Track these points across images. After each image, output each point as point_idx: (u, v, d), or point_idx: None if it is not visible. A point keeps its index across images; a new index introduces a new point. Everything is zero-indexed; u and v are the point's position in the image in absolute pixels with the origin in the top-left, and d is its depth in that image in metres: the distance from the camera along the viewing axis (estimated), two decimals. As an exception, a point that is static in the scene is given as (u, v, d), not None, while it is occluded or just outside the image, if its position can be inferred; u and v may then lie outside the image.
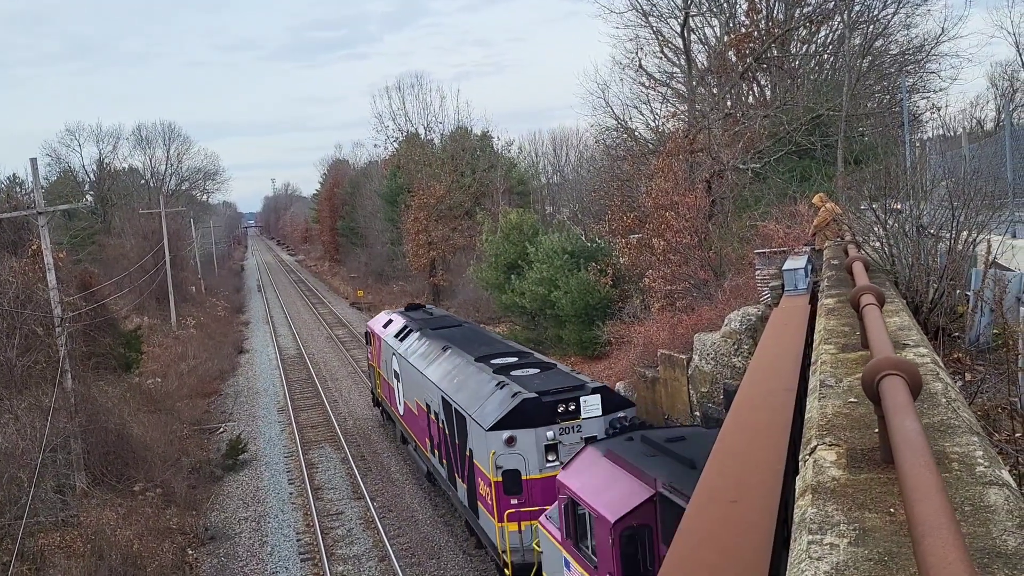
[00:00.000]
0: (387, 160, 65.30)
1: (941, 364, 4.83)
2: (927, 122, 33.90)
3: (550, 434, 14.94)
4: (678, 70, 36.49)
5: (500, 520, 15.28)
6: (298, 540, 21.20)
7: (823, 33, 35.58)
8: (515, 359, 19.53)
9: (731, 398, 8.25)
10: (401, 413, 25.12)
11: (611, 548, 10.59)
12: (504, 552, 15.09)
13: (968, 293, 9.08)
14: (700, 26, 36.40)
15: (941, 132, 35.95)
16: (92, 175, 76.21)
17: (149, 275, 49.74)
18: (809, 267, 13.16)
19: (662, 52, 35.73)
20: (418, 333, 24.24)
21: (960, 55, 32.58)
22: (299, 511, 23.14)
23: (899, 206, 9.70)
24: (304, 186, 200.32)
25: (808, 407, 4.31)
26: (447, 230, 51.88)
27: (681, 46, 34.40)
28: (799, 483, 3.19)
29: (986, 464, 3.00)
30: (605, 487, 11.13)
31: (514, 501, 15.32)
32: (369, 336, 31.31)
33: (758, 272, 19.24)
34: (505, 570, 15.15)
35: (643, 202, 29.61)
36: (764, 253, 19.32)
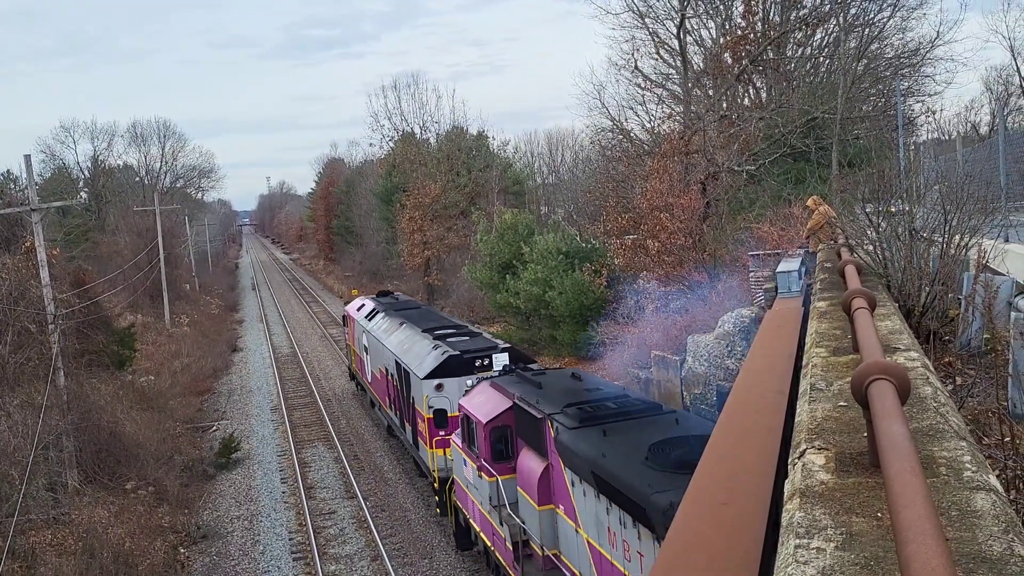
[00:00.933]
0: (382, 159, 65.24)
1: (931, 368, 4.85)
2: (922, 126, 34.05)
3: (469, 382, 17.99)
4: (674, 71, 36.58)
5: (431, 447, 20.03)
6: (290, 539, 21.18)
7: (819, 36, 35.71)
8: (452, 330, 23.96)
9: (724, 400, 8.28)
10: (369, 380, 29.79)
11: (484, 441, 15.05)
12: (433, 471, 20.11)
13: (960, 297, 9.11)
14: (696, 28, 36.54)
15: (936, 136, 36.09)
16: (87, 172, 76.04)
17: (143, 273, 49.65)
18: (803, 269, 13.20)
19: (658, 54, 35.84)
20: (383, 314, 28.77)
21: (955, 59, 32.75)
22: (292, 510, 23.12)
23: (895, 209, 9.73)
24: (299, 184, 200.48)
25: (798, 410, 4.32)
26: (442, 229, 51.84)
27: (677, 48, 34.49)
28: (787, 487, 3.20)
29: (973, 469, 3.01)
30: (484, 403, 15.72)
31: (441, 433, 19.72)
32: (346, 319, 36.67)
33: (752, 274, 19.29)
34: (434, 484, 20.32)
35: (638, 203, 29.65)
36: (758, 255, 19.37)
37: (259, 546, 20.89)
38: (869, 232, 9.23)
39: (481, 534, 16.52)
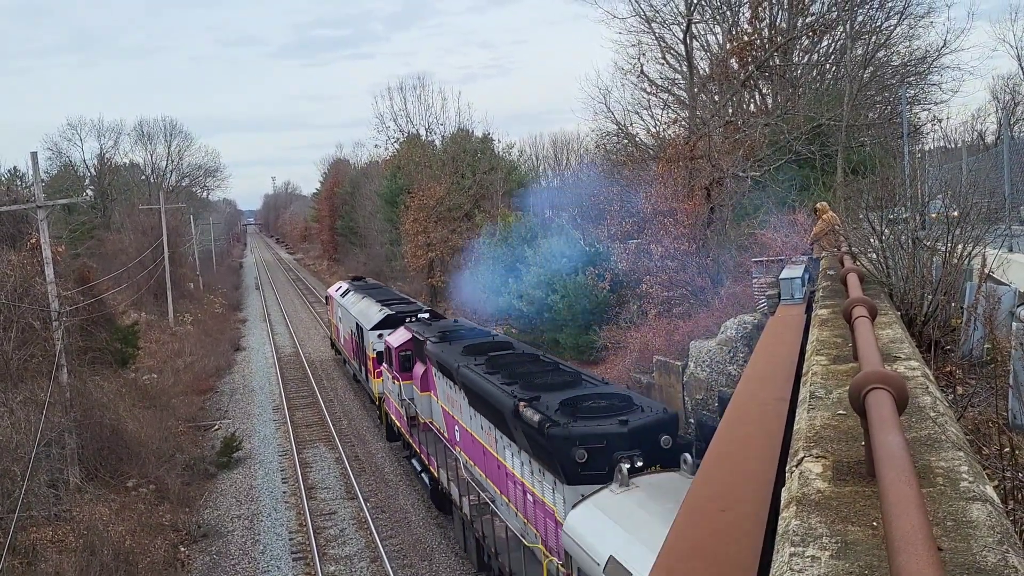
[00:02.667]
0: (387, 161, 65.29)
1: (931, 378, 4.86)
2: (928, 133, 33.99)
3: (409, 336, 24.69)
4: (680, 76, 36.57)
5: (375, 377, 29.21)
6: (291, 539, 21.20)
7: (825, 43, 35.67)
8: (396, 301, 33.42)
9: (726, 406, 8.29)
10: (342, 343, 39.21)
11: (395, 360, 24.23)
12: (375, 393, 29.64)
13: (964, 306, 9.10)
14: (703, 33, 36.52)
15: (942, 144, 36.07)
16: (93, 170, 76.13)
17: (147, 271, 49.74)
18: (806, 276, 13.19)
19: (664, 58, 35.83)
20: (353, 292, 37.95)
21: (962, 68, 32.67)
22: (292, 510, 23.14)
23: (904, 215, 9.71)
24: (304, 184, 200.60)
25: (797, 418, 4.33)
26: (446, 231, 51.85)
27: (683, 52, 34.49)
28: (784, 495, 3.21)
29: (970, 479, 3.02)
30: (397, 338, 24.71)
31: (380, 367, 27.69)
32: (327, 299, 46.23)
33: (755, 280, 19.28)
34: (375, 402, 30.12)
35: (642, 208, 29.66)
36: (761, 261, 19.36)
37: (259, 545, 20.91)
38: (872, 240, 9.23)
39: (393, 417, 26.53)
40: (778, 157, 30.44)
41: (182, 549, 20.52)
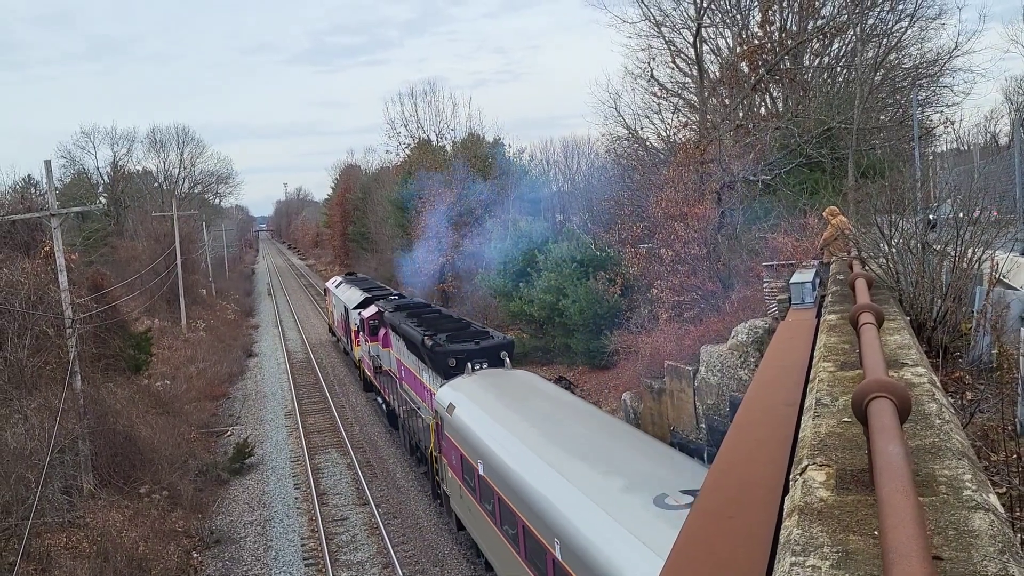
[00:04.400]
0: (398, 166, 65.49)
1: (938, 384, 4.84)
2: (940, 136, 33.81)
3: (376, 309, 32.89)
4: (690, 80, 36.56)
5: (356, 345, 37.39)
6: (302, 545, 21.25)
7: (836, 46, 35.56)
8: (376, 289, 41.77)
9: (737, 410, 8.28)
10: (335, 324, 48.62)
11: (365, 327, 33.27)
12: (356, 358, 38.02)
13: (974, 311, 9.05)
14: (712, 37, 36.49)
15: (955, 146, 35.84)
16: (106, 177, 76.68)
17: (160, 278, 50.00)
18: (816, 281, 13.14)
19: (674, 62, 35.82)
20: (344, 283, 48.11)
21: (974, 70, 32.48)
22: (304, 516, 23.20)
23: (915, 218, 9.66)
24: (316, 191, 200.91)
25: (802, 426, 4.33)
26: (457, 236, 51.92)
27: (693, 56, 34.47)
28: (787, 503, 3.21)
29: (973, 488, 3.01)
30: (369, 312, 33.35)
31: (360, 338, 35.68)
32: (326, 291, 55.93)
33: (766, 285, 19.20)
34: (356, 364, 38.38)
35: (653, 212, 29.59)
36: (772, 266, 19.28)
37: (271, 551, 20.98)
38: (881, 245, 9.20)
39: (366, 371, 35.66)
40: (789, 161, 30.34)
41: (195, 555, 20.61)
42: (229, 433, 31.98)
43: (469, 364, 20.58)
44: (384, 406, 31.27)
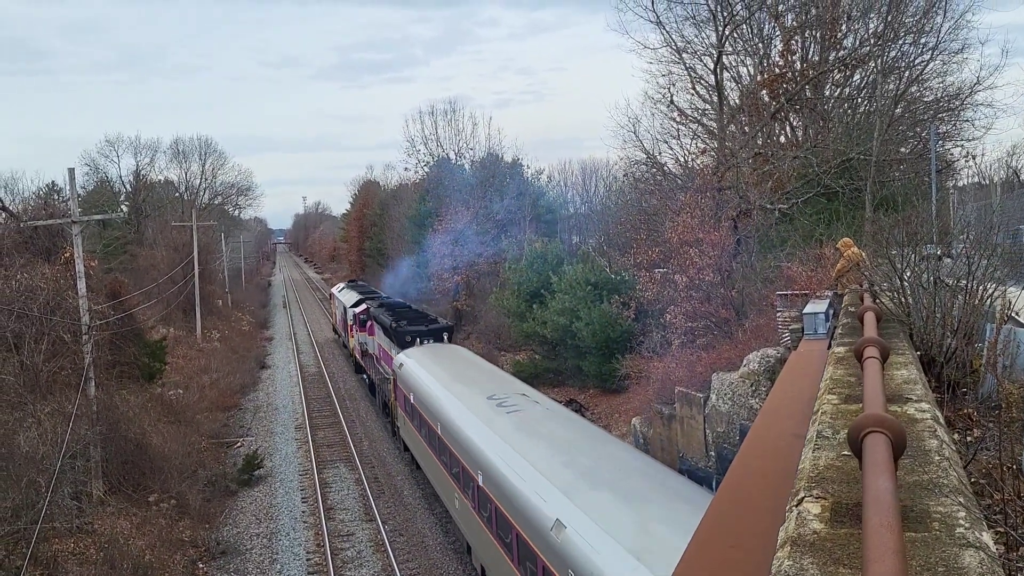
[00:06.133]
0: (417, 184, 65.88)
1: (941, 421, 4.85)
2: (961, 170, 33.67)
3: (365, 307, 42.18)
4: (709, 107, 36.60)
5: (351, 337, 44.80)
6: (308, 559, 21.26)
7: (857, 77, 35.56)
8: (370, 292, 51.60)
9: (744, 440, 8.29)
10: (336, 322, 56.59)
11: (356, 321, 42.47)
12: (350, 348, 45.79)
13: (983, 348, 9.02)
14: (734, 64, 36.57)
15: (976, 180, 35.69)
16: (128, 186, 77.54)
17: (177, 287, 50.39)
18: (830, 312, 13.12)
19: (694, 89, 35.91)
20: (346, 288, 56.10)
21: (995, 105, 32.36)
22: (311, 530, 23.22)
23: (930, 252, 9.64)
24: (335, 205, 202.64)
25: (802, 457, 4.35)
26: (472, 255, 52.12)
27: (713, 84, 34.56)
28: (781, 534, 3.24)
29: (967, 525, 3.03)
30: (359, 308, 42.74)
31: (352, 330, 43.45)
32: (331, 296, 65.73)
33: (779, 314, 19.15)
34: (351, 353, 46.52)
35: (668, 237, 29.61)
36: (786, 295, 19.24)
37: (276, 564, 20.99)
38: (893, 279, 9.20)
39: (357, 356, 42.51)
40: (806, 190, 30.31)
41: (200, 566, 20.65)
42: (239, 444, 32.09)
43: (418, 340, 31.53)
44: (367, 380, 40.37)
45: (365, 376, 41.15)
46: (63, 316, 25.00)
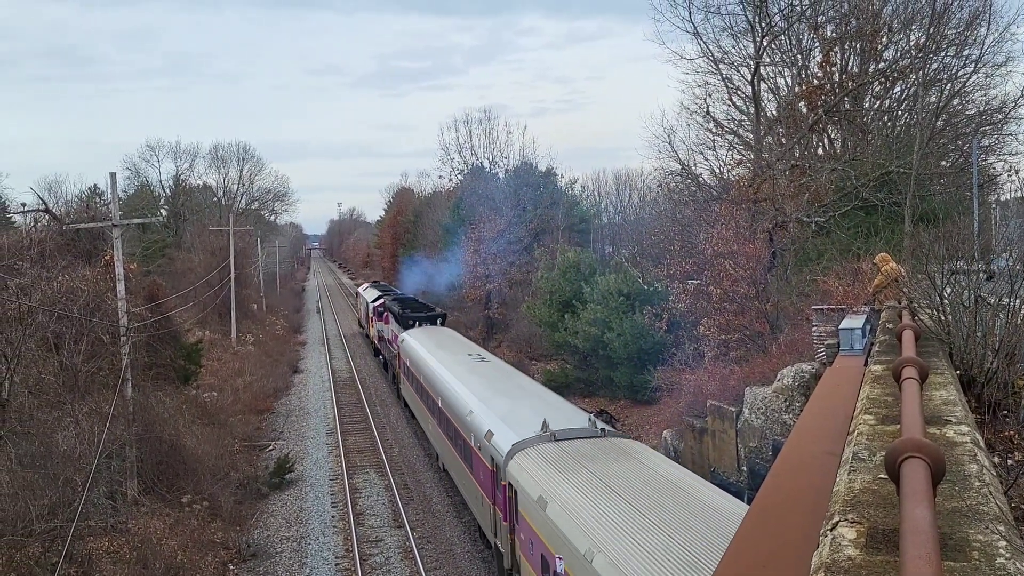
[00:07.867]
0: (451, 192, 66.13)
1: (981, 444, 4.74)
2: (1003, 184, 33.05)
3: (382, 301, 50.94)
4: (746, 118, 36.35)
5: (371, 327, 54.12)
6: (336, 564, 21.34)
7: (897, 89, 35.11)
8: (391, 291, 60.69)
9: (777, 456, 8.17)
10: (360, 316, 66.58)
11: (372, 311, 52.97)
12: (372, 337, 54.59)
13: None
14: (771, 76, 36.29)
15: (1020, 195, 35.00)
16: (168, 190, 78.77)
17: (214, 291, 51.04)
18: (867, 328, 12.91)
19: (731, 99, 35.69)
20: (369, 287, 67.56)
21: (1039, 119, 31.76)
22: (340, 535, 23.32)
23: (970, 269, 9.44)
24: (369, 211, 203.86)
25: (837, 479, 4.28)
26: (505, 264, 52.19)
27: (751, 94, 34.33)
28: (815, 559, 3.18)
29: (1007, 556, 2.96)
30: (377, 302, 51.90)
31: (372, 320, 52.99)
32: (357, 294, 75.88)
33: (815, 329, 18.91)
34: (370, 340, 56.65)
35: (703, 248, 29.42)
36: (822, 309, 18.99)
37: (306, 568, 21.10)
38: (933, 296, 9.04)
39: (375, 342, 51.90)
40: (844, 203, 29.96)
41: (231, 568, 20.83)
42: (271, 448, 32.36)
43: (417, 323, 40.83)
44: (382, 360, 48.72)
45: (381, 357, 49.60)
46: (102, 318, 25.43)
